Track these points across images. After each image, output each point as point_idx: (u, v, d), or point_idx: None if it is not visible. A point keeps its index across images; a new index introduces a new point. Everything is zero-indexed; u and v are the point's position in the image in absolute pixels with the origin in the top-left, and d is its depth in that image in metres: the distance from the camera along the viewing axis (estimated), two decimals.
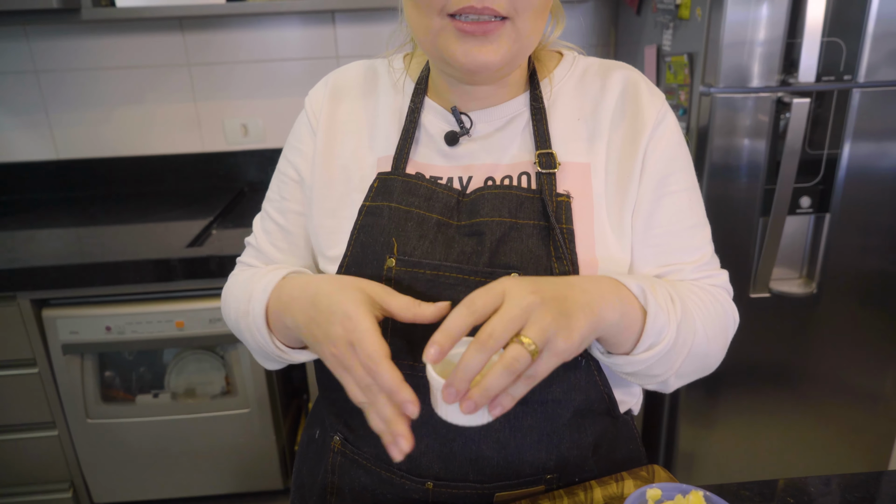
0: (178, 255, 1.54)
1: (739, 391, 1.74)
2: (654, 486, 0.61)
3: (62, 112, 2.05)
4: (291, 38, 2.03)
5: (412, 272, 0.67)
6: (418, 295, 0.66)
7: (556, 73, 0.75)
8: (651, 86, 0.74)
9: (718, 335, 0.70)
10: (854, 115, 1.48)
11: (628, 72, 0.74)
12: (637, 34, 1.87)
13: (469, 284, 0.66)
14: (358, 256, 0.69)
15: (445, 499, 0.71)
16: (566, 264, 0.65)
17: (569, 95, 0.73)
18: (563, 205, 0.68)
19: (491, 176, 0.71)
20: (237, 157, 2.14)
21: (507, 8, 0.60)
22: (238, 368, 1.66)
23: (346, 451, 0.76)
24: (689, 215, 0.72)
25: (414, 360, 0.68)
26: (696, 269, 0.72)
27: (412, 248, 0.68)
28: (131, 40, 1.99)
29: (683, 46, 1.57)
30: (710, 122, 1.48)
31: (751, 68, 1.44)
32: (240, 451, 1.74)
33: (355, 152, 0.75)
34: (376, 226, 0.69)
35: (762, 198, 1.53)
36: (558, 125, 0.72)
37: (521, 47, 0.64)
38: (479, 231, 0.67)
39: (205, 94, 2.07)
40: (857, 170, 1.53)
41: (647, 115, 0.70)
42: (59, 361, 1.60)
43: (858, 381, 1.77)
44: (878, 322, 1.69)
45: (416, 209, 0.69)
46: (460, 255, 0.67)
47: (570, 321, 0.53)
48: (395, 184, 0.70)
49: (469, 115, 0.72)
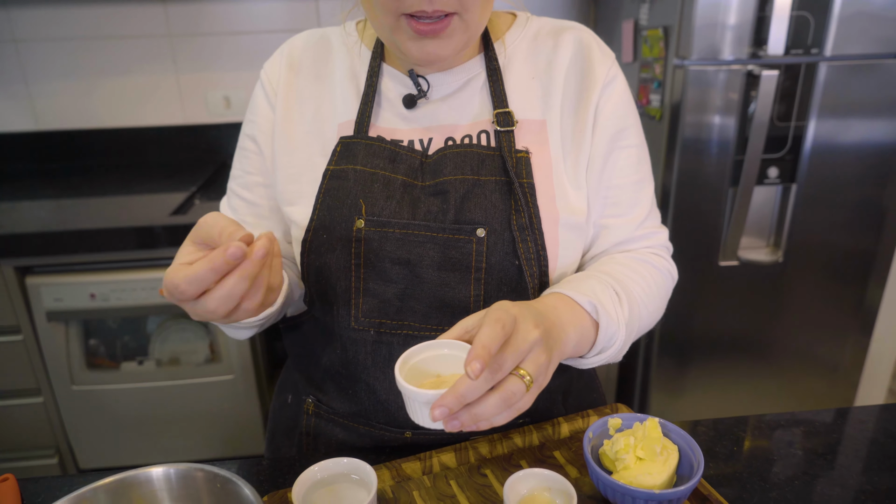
0: (162, 222, 1.56)
1: (709, 359, 1.81)
2: (614, 416, 0.65)
3: (42, 82, 2.04)
4: (274, 10, 2.03)
5: (381, 231, 0.69)
6: (388, 254, 0.69)
7: (509, 34, 0.77)
8: (602, 45, 0.77)
9: (660, 305, 0.76)
10: (821, 89, 1.53)
11: (580, 32, 0.77)
12: (616, 9, 1.90)
13: (437, 241, 0.69)
14: (325, 219, 0.71)
15: (423, 442, 0.75)
16: (524, 217, 0.68)
17: (522, 55, 0.76)
18: (522, 160, 0.71)
19: (451, 136, 0.74)
20: (219, 130, 2.15)
21: (456, 6, 0.63)
22: (222, 335, 1.69)
23: (319, 411, 0.79)
24: (637, 170, 0.77)
25: (385, 318, 0.71)
26: (637, 225, 0.77)
27: (380, 208, 0.70)
28: (112, 10, 1.97)
29: (659, 20, 1.61)
30: (683, 94, 1.52)
31: (722, 41, 1.48)
32: (224, 417, 1.77)
33: (315, 119, 0.76)
34: (342, 188, 0.71)
35: (732, 168, 1.59)
36: (514, 84, 0.75)
37: (471, 35, 0.67)
38: (443, 190, 0.70)
39: (186, 66, 2.07)
40: (823, 142, 1.59)
41: (598, 73, 0.74)
42: (43, 328, 1.62)
43: (820, 350, 1.84)
44: (839, 292, 1.77)
45: (381, 171, 0.71)
46: (427, 213, 0.70)
47: (553, 361, 0.57)
48: (358, 147, 0.72)
49: (426, 77, 0.74)
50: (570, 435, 0.73)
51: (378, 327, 0.71)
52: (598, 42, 0.77)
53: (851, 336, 1.84)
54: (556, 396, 0.79)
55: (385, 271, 0.70)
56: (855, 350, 1.86)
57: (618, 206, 0.76)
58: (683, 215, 1.63)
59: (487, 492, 0.65)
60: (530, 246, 0.69)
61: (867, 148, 1.60)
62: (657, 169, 1.65)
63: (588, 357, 0.67)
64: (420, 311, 0.70)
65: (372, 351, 0.72)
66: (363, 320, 0.71)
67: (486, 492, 0.65)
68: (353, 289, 0.71)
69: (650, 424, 0.62)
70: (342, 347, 0.73)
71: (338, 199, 0.71)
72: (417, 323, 0.71)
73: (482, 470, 0.68)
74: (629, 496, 0.58)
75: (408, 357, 0.57)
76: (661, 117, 1.62)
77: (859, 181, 1.63)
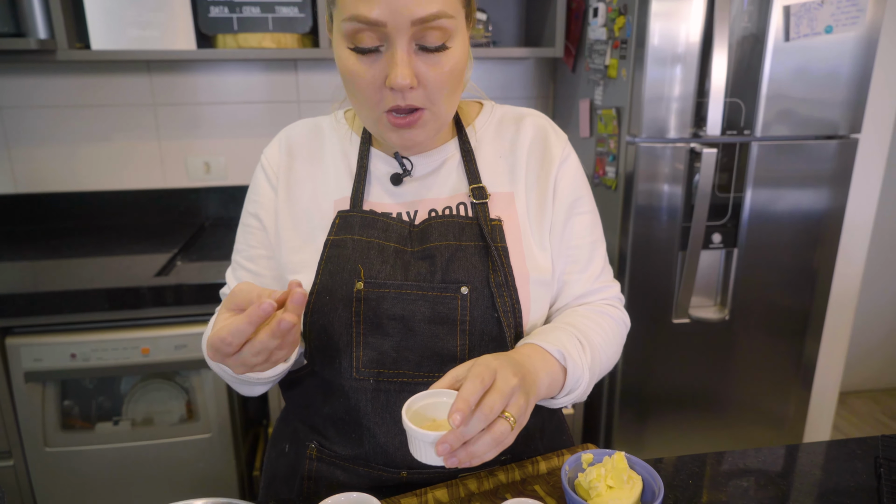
0: (148, 283, 1.62)
1: (666, 410, 1.92)
2: (587, 452, 0.75)
3: (23, 147, 2.10)
4: (255, 83, 2.17)
5: (379, 292, 0.80)
6: (385, 312, 0.79)
7: (478, 120, 0.91)
8: (556, 129, 0.91)
9: (617, 350, 0.89)
10: (754, 165, 1.73)
11: (538, 118, 0.91)
12: (573, 89, 2.10)
13: (427, 299, 0.79)
14: (328, 283, 0.81)
15: (417, 481, 0.83)
16: (500, 276, 0.80)
17: (490, 138, 0.89)
18: (496, 227, 0.83)
19: (433, 208, 0.85)
20: (198, 193, 2.23)
21: (424, 101, 0.75)
22: (201, 394, 1.73)
23: (322, 456, 0.87)
24: (591, 232, 0.90)
25: (382, 368, 0.80)
26: (594, 279, 0.90)
27: (376, 272, 0.80)
28: (98, 80, 2.07)
29: (612, 101, 1.80)
30: (635, 167, 1.70)
31: (668, 122, 1.67)
32: (201, 476, 1.78)
33: (313, 198, 0.87)
34: (342, 256, 0.81)
35: (681, 234, 1.75)
36: (484, 163, 0.88)
37: (441, 123, 0.79)
38: (430, 254, 0.81)
39: (169, 132, 2.17)
40: (759, 211, 1.78)
41: (555, 153, 0.88)
42: (20, 390, 1.63)
43: (766, 403, 1.99)
44: (781, 348, 1.92)
45: (375, 240, 0.82)
46: (417, 275, 0.80)
47: (530, 403, 0.67)
48: (354, 220, 0.83)
49: (409, 158, 0.86)
50: (548, 471, 0.82)
51: (377, 376, 0.80)
52: (553, 126, 0.91)
53: (794, 390, 1.99)
54: (534, 434, 0.89)
55: (382, 326, 0.80)
56: (798, 403, 2.01)
57: (576, 263, 0.89)
58: (638, 277, 1.78)
59: None
60: (507, 300, 0.80)
61: (797, 216, 1.80)
62: (614, 234, 1.80)
63: (559, 398, 0.77)
64: (414, 360, 0.80)
65: (372, 398, 0.81)
66: (363, 370, 0.81)
67: None
68: (353, 343, 0.80)
69: (617, 457, 0.72)
70: (344, 396, 0.82)
71: (338, 265, 0.81)
72: (412, 371, 0.80)
73: (472, 503, 0.76)
74: None
75: (410, 404, 0.67)
76: (616, 187, 1.79)
77: (792, 246, 1.82)
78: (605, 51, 1.81)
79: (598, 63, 1.86)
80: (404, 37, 0.70)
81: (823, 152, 1.76)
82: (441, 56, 0.73)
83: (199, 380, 1.72)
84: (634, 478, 0.72)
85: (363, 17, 0.69)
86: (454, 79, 0.75)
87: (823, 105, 1.72)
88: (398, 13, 0.68)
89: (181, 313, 1.67)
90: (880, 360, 2.94)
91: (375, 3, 0.68)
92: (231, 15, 1.83)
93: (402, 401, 0.77)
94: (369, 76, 0.73)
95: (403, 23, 0.69)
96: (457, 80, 0.76)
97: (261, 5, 1.83)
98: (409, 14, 0.68)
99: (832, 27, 1.65)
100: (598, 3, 1.82)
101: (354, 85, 0.75)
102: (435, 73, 0.73)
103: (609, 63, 1.79)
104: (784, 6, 1.61)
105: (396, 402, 0.80)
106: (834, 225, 1.83)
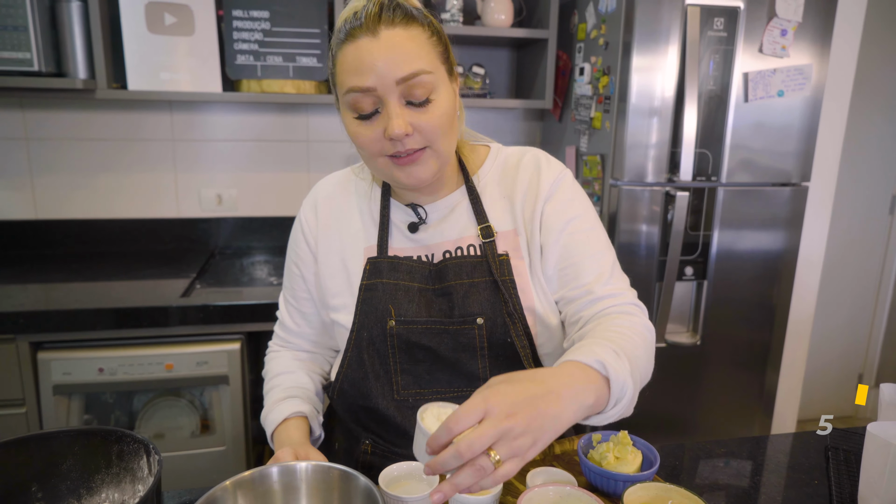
0: (176, 303, 1.75)
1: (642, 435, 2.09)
2: (596, 432, 0.93)
3: (46, 176, 2.23)
4: (269, 123, 2.35)
5: (408, 328, 0.95)
6: (415, 343, 0.94)
7: (483, 167, 1.01)
8: (548, 160, 0.99)
9: (649, 355, 0.86)
10: (720, 207, 1.97)
11: (531, 154, 1.00)
12: (559, 137, 2.34)
13: (449, 332, 0.94)
14: (364, 322, 0.96)
15: None
16: (510, 306, 0.92)
17: (494, 181, 1.00)
18: (504, 263, 0.94)
19: (447, 249, 0.97)
20: (209, 223, 2.38)
21: (423, 141, 0.86)
22: (218, 408, 1.85)
23: (376, 450, 1.00)
24: (592, 245, 0.93)
25: (420, 388, 0.96)
26: (602, 285, 0.90)
27: (405, 310, 0.95)
28: (121, 116, 2.23)
29: (597, 149, 2.03)
30: (618, 207, 1.92)
31: (646, 168, 1.90)
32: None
33: (345, 248, 1.01)
34: (374, 298, 0.95)
35: (657, 267, 1.97)
36: (489, 204, 0.98)
37: (443, 161, 0.89)
38: (448, 292, 0.95)
39: (185, 166, 2.32)
40: (725, 249, 2.01)
41: (543, 185, 0.96)
42: (47, 402, 1.73)
43: (731, 428, 2.17)
44: (744, 377, 2.13)
45: (402, 282, 0.97)
46: (439, 311, 0.96)
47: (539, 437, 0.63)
48: (382, 265, 0.97)
49: (424, 207, 0.98)
50: (561, 453, 0.99)
51: (415, 396, 0.96)
52: (545, 158, 1.00)
53: (757, 417, 2.19)
54: None
55: (414, 355, 0.96)
56: (761, 430, 2.20)
57: (578, 278, 0.92)
58: None
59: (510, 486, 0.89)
60: (518, 326, 0.94)
61: (758, 255, 2.03)
62: None
63: (607, 410, 0.73)
64: (445, 379, 0.96)
65: (412, 413, 0.95)
66: (403, 392, 0.97)
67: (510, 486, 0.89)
68: (392, 370, 0.96)
69: (622, 435, 0.90)
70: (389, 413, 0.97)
71: (372, 306, 0.96)
72: (444, 388, 0.96)
73: None
74: (612, 479, 0.84)
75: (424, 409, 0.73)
76: None
77: (753, 281, 2.05)
78: (590, 105, 2.04)
79: (583, 115, 2.10)
80: (393, 96, 0.83)
81: (779, 197, 2.01)
82: (428, 107, 0.85)
83: (218, 395, 1.84)
84: (635, 451, 0.89)
85: (357, 87, 0.83)
86: (444, 123, 0.86)
87: (778, 156, 1.97)
88: (384, 77, 0.82)
89: (203, 332, 1.80)
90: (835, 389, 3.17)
91: (366, 74, 0.82)
92: (256, 63, 2.02)
93: None
94: (373, 134, 0.86)
95: (390, 84, 0.82)
96: (447, 125, 0.87)
97: (283, 55, 2.03)
98: (393, 76, 0.81)
99: (783, 91, 1.92)
100: (584, 63, 2.07)
101: (362, 144, 0.88)
102: (426, 120, 0.84)
103: (594, 115, 2.02)
104: (743, 73, 1.88)
105: None
106: (789, 262, 2.07)
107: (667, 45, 1.82)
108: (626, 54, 1.83)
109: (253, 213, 2.39)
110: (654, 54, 1.83)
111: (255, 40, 2.00)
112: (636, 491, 0.76)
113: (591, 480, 0.88)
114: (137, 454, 0.71)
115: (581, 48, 2.12)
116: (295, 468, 0.76)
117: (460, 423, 0.61)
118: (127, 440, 0.71)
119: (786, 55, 1.89)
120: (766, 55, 1.88)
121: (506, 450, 0.61)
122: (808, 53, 1.91)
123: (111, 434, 0.71)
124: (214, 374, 1.80)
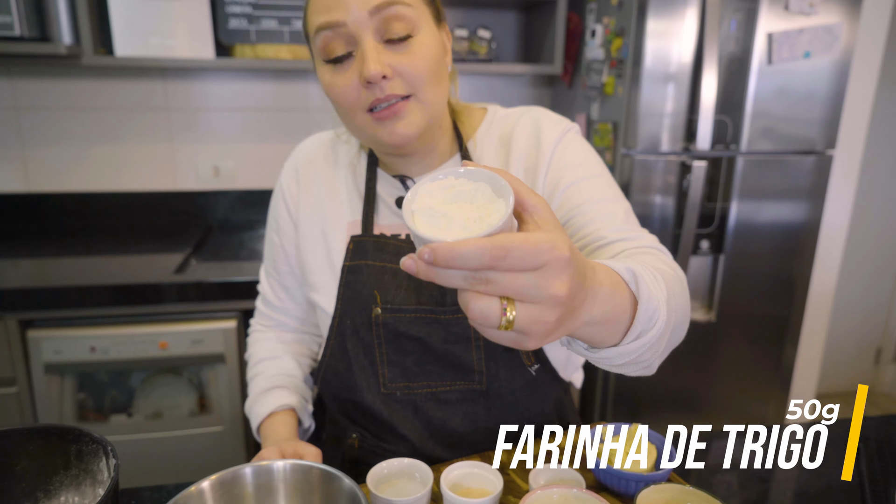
0: (169, 280, 1.69)
1: (656, 413, 2.04)
2: (605, 425, 0.85)
3: (37, 147, 2.15)
4: (266, 91, 2.25)
5: (396, 316, 0.86)
6: (403, 333, 0.86)
7: (479, 132, 0.90)
8: (549, 119, 0.88)
9: (686, 301, 0.68)
10: (739, 177, 1.86)
11: (529, 115, 0.89)
12: (569, 104, 2.22)
13: (441, 322, 0.86)
14: (347, 308, 0.88)
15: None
16: None
17: (492, 147, 0.89)
18: None
19: None
20: (206, 197, 2.30)
21: (406, 88, 0.75)
22: (214, 388, 1.79)
23: (364, 445, 0.94)
24: (598, 194, 0.81)
25: (408, 381, 0.88)
26: (615, 230, 0.77)
27: (392, 297, 0.86)
28: (112, 84, 2.14)
29: (609, 116, 1.92)
30: (630, 178, 1.82)
31: (661, 137, 1.80)
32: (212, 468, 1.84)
33: (328, 221, 0.91)
34: (358, 282, 0.87)
35: (672, 241, 1.87)
36: None
37: (431, 114, 0.78)
38: None
39: (180, 136, 2.24)
40: (743, 221, 1.91)
41: (544, 150, 0.85)
42: (39, 381, 1.68)
43: (748, 405, 2.11)
44: (761, 352, 2.05)
45: (388, 264, 0.87)
46: (429, 297, 0.86)
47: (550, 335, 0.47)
48: (367, 244, 0.88)
49: (413, 179, 0.88)
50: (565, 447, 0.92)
51: (403, 389, 0.88)
52: (546, 117, 0.88)
53: (774, 392, 2.12)
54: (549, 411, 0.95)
55: (402, 346, 0.87)
56: (777, 406, 2.13)
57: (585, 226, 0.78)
58: None
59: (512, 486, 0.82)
60: None
61: (778, 227, 1.93)
62: None
63: (624, 342, 0.55)
64: (435, 371, 0.88)
65: (401, 407, 0.89)
66: (390, 385, 0.89)
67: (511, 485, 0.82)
68: (378, 362, 0.88)
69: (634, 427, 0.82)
70: (376, 407, 0.90)
71: (355, 291, 0.87)
72: (435, 382, 0.88)
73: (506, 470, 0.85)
74: (624, 479, 0.77)
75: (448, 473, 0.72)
76: None
77: (773, 255, 1.95)
78: (602, 69, 1.93)
79: (595, 80, 1.98)
80: (367, 31, 0.73)
81: (802, 167, 1.90)
82: (409, 45, 0.74)
83: (214, 374, 1.79)
84: (650, 447, 0.82)
85: (326, 22, 0.73)
86: (430, 66, 0.75)
87: (802, 123, 1.86)
88: (353, 8, 0.71)
89: (198, 309, 1.74)
90: (854, 365, 3.10)
91: (334, 7, 0.72)
92: (249, 27, 1.92)
93: (430, 407, 0.86)
94: (347, 82, 0.75)
95: (362, 16, 0.72)
96: (434, 69, 0.76)
97: (278, 18, 1.92)
98: (366, 5, 0.71)
99: (810, 52, 1.80)
100: (596, 25, 1.95)
101: (336, 97, 0.77)
102: (408, 60, 0.74)
103: (606, 81, 1.91)
104: (767, 33, 1.76)
105: (425, 409, 0.88)
106: (811, 235, 1.97)
107: (685, 3, 1.70)
108: (640, 14, 1.71)
109: (252, 185, 2.31)
110: (671, 14, 1.70)
111: (249, 2, 1.90)
112: (651, 493, 0.69)
113: (599, 479, 0.81)
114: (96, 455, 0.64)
115: (593, 9, 1.99)
116: (272, 468, 0.69)
117: (516, 255, 0.42)
118: (85, 440, 0.65)
119: (814, 13, 1.76)
120: (793, 13, 1.76)
121: (524, 318, 0.44)
122: (837, 11, 1.78)
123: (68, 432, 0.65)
124: (210, 353, 1.75)
